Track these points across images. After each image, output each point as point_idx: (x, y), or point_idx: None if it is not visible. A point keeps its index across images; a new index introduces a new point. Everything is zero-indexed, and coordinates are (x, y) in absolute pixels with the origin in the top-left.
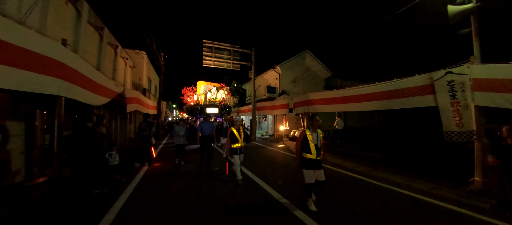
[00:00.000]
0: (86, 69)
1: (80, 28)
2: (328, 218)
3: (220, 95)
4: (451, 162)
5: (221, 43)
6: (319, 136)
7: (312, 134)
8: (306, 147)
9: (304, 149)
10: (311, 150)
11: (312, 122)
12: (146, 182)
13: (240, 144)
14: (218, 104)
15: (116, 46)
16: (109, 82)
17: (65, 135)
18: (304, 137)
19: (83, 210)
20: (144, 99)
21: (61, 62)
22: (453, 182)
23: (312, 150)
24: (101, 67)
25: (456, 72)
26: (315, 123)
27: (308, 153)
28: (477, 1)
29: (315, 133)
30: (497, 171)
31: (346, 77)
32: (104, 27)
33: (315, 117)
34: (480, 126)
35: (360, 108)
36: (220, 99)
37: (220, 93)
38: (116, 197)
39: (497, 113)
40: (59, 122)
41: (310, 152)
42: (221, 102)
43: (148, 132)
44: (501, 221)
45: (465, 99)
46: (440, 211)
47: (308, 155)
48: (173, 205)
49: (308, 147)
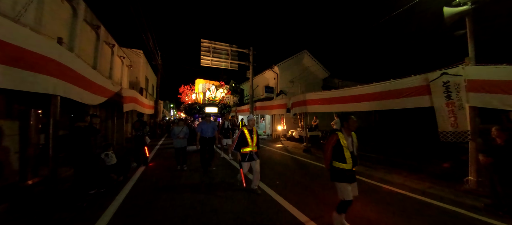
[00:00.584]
0: (82, 68)
1: (76, 26)
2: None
3: (219, 94)
4: (446, 161)
5: (219, 42)
6: (354, 141)
7: (346, 138)
8: (339, 155)
9: (337, 157)
10: (346, 158)
11: (348, 123)
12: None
13: (251, 149)
14: (218, 104)
15: (113, 44)
16: (105, 81)
17: (61, 134)
18: (336, 142)
19: (78, 210)
20: (141, 98)
21: (56, 61)
22: (448, 181)
23: (347, 158)
24: (97, 66)
25: (451, 73)
26: (352, 124)
27: (342, 162)
28: (472, 4)
29: (349, 137)
30: (488, 169)
31: (343, 77)
32: (100, 26)
33: (351, 117)
34: (475, 126)
35: (357, 109)
36: (219, 98)
37: (219, 92)
38: (113, 197)
39: (492, 114)
40: (55, 121)
41: (344, 161)
42: (221, 101)
43: (141, 132)
44: (494, 220)
45: (460, 100)
46: (436, 210)
47: (342, 165)
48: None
49: (342, 154)
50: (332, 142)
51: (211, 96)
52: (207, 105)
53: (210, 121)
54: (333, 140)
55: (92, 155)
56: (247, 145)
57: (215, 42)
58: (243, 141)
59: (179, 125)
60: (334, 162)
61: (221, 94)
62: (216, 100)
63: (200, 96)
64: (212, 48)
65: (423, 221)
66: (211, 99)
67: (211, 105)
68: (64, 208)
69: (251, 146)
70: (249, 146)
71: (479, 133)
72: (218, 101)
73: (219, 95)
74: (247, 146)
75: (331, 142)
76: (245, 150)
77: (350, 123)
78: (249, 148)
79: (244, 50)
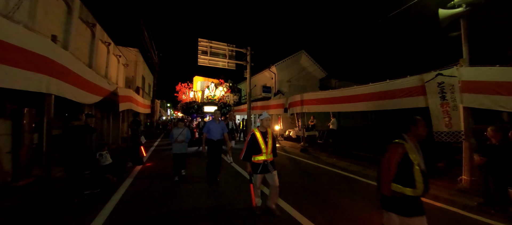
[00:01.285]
0: (77, 67)
1: (71, 24)
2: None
3: (219, 92)
4: (440, 161)
5: (216, 42)
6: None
7: (418, 151)
8: (405, 175)
9: (400, 179)
10: (415, 181)
11: (417, 127)
12: None
13: (264, 157)
14: (217, 102)
15: (108, 43)
16: (101, 80)
17: (55, 134)
18: (403, 156)
19: (72, 211)
20: (137, 98)
21: (50, 59)
22: (443, 181)
23: (418, 181)
24: (93, 64)
25: (446, 74)
26: (422, 130)
27: (408, 186)
28: (466, 6)
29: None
30: (482, 169)
31: (340, 78)
32: (96, 24)
33: (420, 119)
34: (468, 126)
35: (354, 109)
36: (219, 96)
37: (219, 90)
38: (107, 198)
39: (485, 114)
40: (48, 120)
41: (412, 185)
42: (220, 100)
43: (136, 131)
44: (486, 218)
45: (454, 100)
46: (430, 210)
47: (407, 190)
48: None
49: (409, 175)
50: (395, 155)
51: (210, 94)
52: (206, 104)
53: (219, 120)
54: (398, 153)
55: (87, 155)
56: (260, 152)
57: (213, 41)
58: (255, 147)
59: (178, 127)
60: (395, 185)
61: (220, 93)
62: (215, 99)
63: (199, 94)
64: (210, 47)
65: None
66: (210, 98)
67: (210, 104)
68: (58, 209)
69: (265, 154)
70: (262, 153)
71: (473, 133)
72: (218, 100)
73: (218, 94)
74: (260, 153)
75: (395, 156)
76: (258, 159)
77: (419, 127)
78: (262, 156)
79: (242, 50)
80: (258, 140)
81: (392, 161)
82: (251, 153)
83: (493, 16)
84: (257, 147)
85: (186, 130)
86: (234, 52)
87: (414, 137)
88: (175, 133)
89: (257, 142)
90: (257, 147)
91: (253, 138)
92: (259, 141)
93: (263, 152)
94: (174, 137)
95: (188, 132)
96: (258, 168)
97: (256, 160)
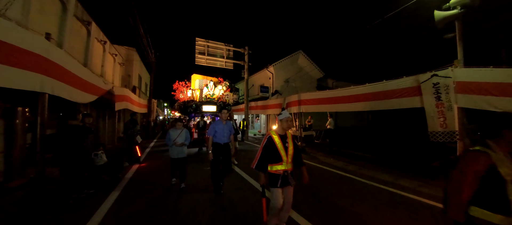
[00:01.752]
0: (72, 65)
1: (65, 22)
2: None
3: (218, 91)
4: (435, 161)
5: (214, 41)
6: None
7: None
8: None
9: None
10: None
11: None
12: None
13: (284, 166)
14: (217, 102)
15: (104, 41)
16: (96, 79)
17: (49, 133)
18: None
19: (67, 211)
20: (134, 97)
21: (44, 57)
22: (437, 180)
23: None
24: (88, 63)
25: (441, 75)
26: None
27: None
28: (461, 8)
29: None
30: None
31: (337, 78)
32: (91, 22)
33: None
34: (462, 126)
35: (351, 109)
36: (218, 95)
37: (218, 88)
38: (103, 198)
39: (478, 115)
40: (42, 120)
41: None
42: (220, 99)
43: (132, 130)
44: None
45: (449, 101)
46: (425, 209)
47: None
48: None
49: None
50: (476, 168)
51: (209, 93)
52: (204, 104)
53: (228, 121)
54: (480, 164)
55: (83, 155)
56: (279, 160)
57: (210, 41)
58: (272, 154)
59: (176, 127)
60: (475, 209)
61: (220, 92)
62: (214, 98)
63: (197, 93)
64: (207, 47)
65: (412, 219)
66: (209, 97)
67: (209, 103)
68: (51, 210)
69: (285, 162)
70: (282, 162)
71: (467, 133)
72: (217, 99)
73: (217, 93)
74: (279, 161)
75: (474, 168)
76: (276, 168)
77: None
78: (282, 165)
79: (240, 50)
80: (277, 146)
81: (469, 175)
82: (267, 161)
83: (487, 18)
84: (276, 154)
85: (185, 131)
86: (231, 52)
87: (507, 146)
88: (172, 135)
89: (276, 148)
90: (276, 153)
91: (270, 143)
92: (277, 147)
93: (283, 160)
94: (172, 139)
95: (188, 133)
96: (277, 180)
97: (274, 170)
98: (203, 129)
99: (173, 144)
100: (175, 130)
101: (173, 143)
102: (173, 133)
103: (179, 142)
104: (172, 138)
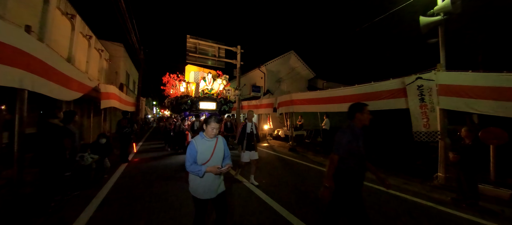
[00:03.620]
0: (55, 61)
1: (47, 14)
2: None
3: (217, 86)
4: (419, 159)
5: (205, 39)
6: None
7: None
8: None
9: None
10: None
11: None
12: None
13: None
14: (217, 98)
15: (89, 36)
16: (81, 75)
17: (28, 133)
18: None
19: (48, 214)
20: (121, 95)
21: (23, 51)
22: (421, 178)
23: None
24: (72, 59)
25: (425, 78)
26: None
27: None
28: (444, 15)
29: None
30: (455, 167)
31: (328, 79)
32: (76, 15)
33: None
34: (444, 127)
35: (340, 109)
36: (217, 90)
37: (217, 82)
38: (88, 201)
39: (456, 116)
40: (21, 118)
41: None
42: (219, 95)
43: (129, 129)
44: (459, 212)
45: (432, 102)
46: (408, 205)
47: None
48: None
49: None
50: None
51: (206, 88)
52: (202, 100)
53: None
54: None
55: (64, 155)
56: None
57: (202, 39)
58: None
59: (205, 133)
60: None
61: (219, 86)
62: (213, 94)
63: (192, 87)
64: (198, 44)
65: (397, 214)
66: (206, 92)
67: (207, 99)
68: (31, 213)
69: None
70: None
71: (448, 133)
72: (216, 95)
73: (216, 87)
74: None
75: None
76: None
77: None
78: None
79: (232, 48)
80: None
81: None
82: None
83: (467, 25)
84: None
85: (222, 140)
86: (223, 51)
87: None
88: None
89: None
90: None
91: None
92: None
93: None
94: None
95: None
96: None
97: None
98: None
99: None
100: (203, 139)
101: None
102: (202, 144)
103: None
104: (201, 156)
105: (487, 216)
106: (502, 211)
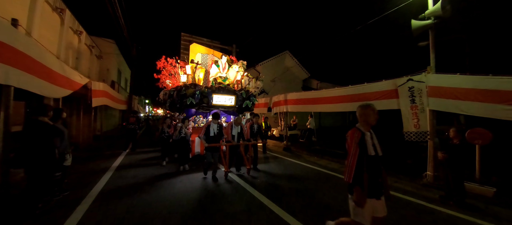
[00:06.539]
0: (42, 56)
1: (35, 8)
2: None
3: (234, 74)
4: (409, 158)
5: (200, 37)
6: None
7: None
8: None
9: None
10: None
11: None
12: None
13: None
14: (236, 91)
15: (80, 32)
16: (71, 72)
17: (14, 131)
18: None
19: (35, 217)
20: (113, 93)
21: (10, 46)
22: (410, 176)
23: None
24: (61, 55)
25: (415, 80)
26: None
27: None
28: (434, 19)
29: None
30: (444, 166)
31: (322, 79)
32: (65, 9)
33: None
34: (433, 127)
35: (334, 109)
36: (233, 80)
37: (234, 69)
38: (81, 198)
39: (444, 116)
40: (6, 115)
41: None
42: (235, 86)
43: (135, 126)
44: (446, 209)
45: (422, 103)
46: (398, 202)
47: None
48: None
49: None
50: None
51: (220, 75)
52: (216, 92)
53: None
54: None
55: (53, 154)
56: None
57: (197, 37)
58: None
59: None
60: None
61: (237, 74)
62: (228, 84)
63: (200, 74)
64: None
65: (388, 213)
66: (220, 82)
67: (223, 91)
68: (17, 216)
69: None
70: None
71: (436, 133)
72: (233, 86)
73: (233, 76)
74: None
75: None
76: None
77: None
78: None
79: (227, 47)
80: None
81: None
82: None
83: (456, 30)
84: None
85: None
86: (218, 49)
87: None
88: None
89: None
90: None
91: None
92: None
93: None
94: None
95: None
96: None
97: None
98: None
99: None
100: None
101: None
102: None
103: None
104: None
105: (473, 212)
106: (486, 208)
